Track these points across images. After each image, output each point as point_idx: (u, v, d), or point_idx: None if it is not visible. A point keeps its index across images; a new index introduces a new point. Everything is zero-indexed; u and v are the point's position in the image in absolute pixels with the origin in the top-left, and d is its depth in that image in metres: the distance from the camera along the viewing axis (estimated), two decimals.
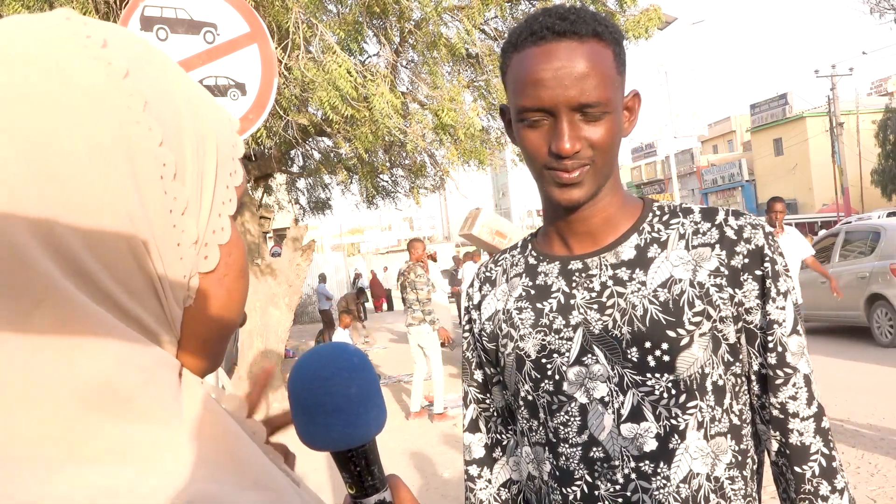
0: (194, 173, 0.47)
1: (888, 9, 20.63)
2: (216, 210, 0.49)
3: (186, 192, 0.47)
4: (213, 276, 0.49)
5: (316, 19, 5.90)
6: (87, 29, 0.46)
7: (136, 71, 0.46)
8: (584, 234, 1.07)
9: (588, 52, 0.96)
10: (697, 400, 0.99)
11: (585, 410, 1.02)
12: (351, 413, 0.59)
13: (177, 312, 0.47)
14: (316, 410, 0.59)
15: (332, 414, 0.59)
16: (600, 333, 1.02)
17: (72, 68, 0.43)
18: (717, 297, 1.00)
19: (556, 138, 0.96)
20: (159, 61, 0.49)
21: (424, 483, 5.23)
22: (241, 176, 0.53)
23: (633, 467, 0.99)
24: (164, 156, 0.45)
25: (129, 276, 0.43)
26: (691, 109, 32.33)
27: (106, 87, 0.44)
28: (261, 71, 3.07)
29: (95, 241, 0.42)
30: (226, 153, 0.51)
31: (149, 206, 0.44)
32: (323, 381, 0.59)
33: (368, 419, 0.60)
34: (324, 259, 25.91)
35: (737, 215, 1.04)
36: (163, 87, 0.47)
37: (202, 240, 0.48)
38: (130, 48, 0.48)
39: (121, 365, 0.41)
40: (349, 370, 0.60)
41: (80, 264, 0.41)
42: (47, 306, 0.39)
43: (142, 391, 0.42)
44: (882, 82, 39.40)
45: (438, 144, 7.31)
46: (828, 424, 1.01)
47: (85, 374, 0.40)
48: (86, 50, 0.44)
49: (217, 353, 0.53)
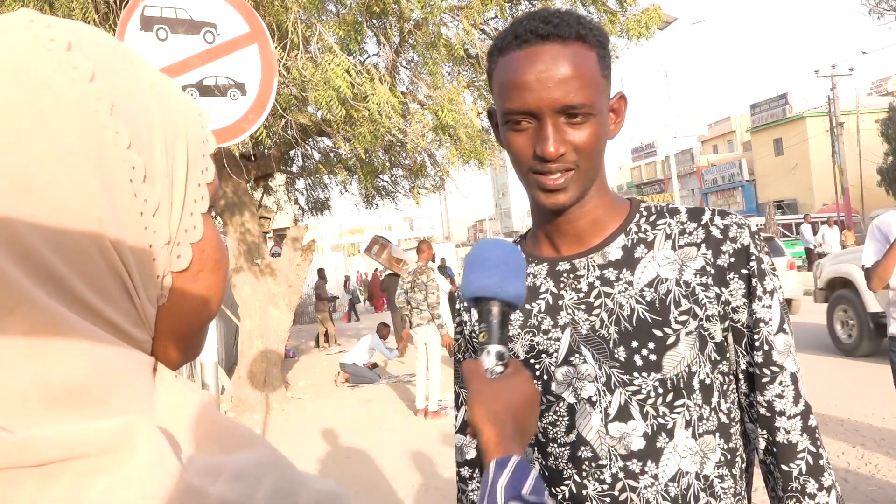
0: (164, 174, 0.47)
1: (887, 9, 20.64)
2: (188, 209, 0.49)
3: (157, 194, 0.47)
4: (187, 274, 0.50)
5: (315, 19, 5.90)
6: (51, 32, 0.45)
7: (102, 73, 0.46)
8: (572, 236, 1.08)
9: (571, 55, 0.96)
10: (685, 398, 1.00)
11: (573, 410, 1.03)
12: (507, 271, 0.85)
13: (150, 311, 0.48)
14: (486, 263, 0.85)
15: (496, 266, 0.84)
16: (588, 333, 1.03)
17: (36, 74, 0.43)
18: (703, 295, 1.00)
19: (540, 142, 0.97)
20: (127, 60, 0.49)
21: (424, 483, 5.23)
22: (213, 173, 0.53)
23: (621, 466, 0.99)
24: (133, 158, 0.45)
25: (100, 279, 0.44)
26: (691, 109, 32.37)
27: (71, 91, 0.43)
28: (261, 71, 3.07)
29: (65, 246, 0.42)
30: (197, 150, 0.51)
31: (119, 210, 0.44)
32: (495, 246, 0.88)
33: (515, 285, 0.84)
34: (324, 259, 25.90)
35: (723, 215, 1.05)
36: (130, 88, 0.47)
37: (174, 239, 0.48)
38: (97, 49, 0.47)
39: (93, 367, 0.42)
40: (512, 251, 0.87)
41: (50, 270, 0.41)
42: (19, 314, 0.40)
43: (114, 391, 0.42)
44: (882, 82, 39.40)
45: (438, 144, 7.31)
46: (815, 423, 1.02)
47: (58, 377, 0.40)
48: (49, 54, 0.44)
49: (194, 345, 0.54)
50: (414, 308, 7.52)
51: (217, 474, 0.42)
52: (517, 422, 0.79)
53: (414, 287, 7.50)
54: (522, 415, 0.81)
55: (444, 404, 7.64)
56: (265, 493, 0.43)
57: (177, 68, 2.96)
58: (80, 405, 0.40)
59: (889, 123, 29.56)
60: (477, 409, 0.79)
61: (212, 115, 2.95)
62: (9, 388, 0.39)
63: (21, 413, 0.39)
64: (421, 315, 7.49)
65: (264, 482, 0.44)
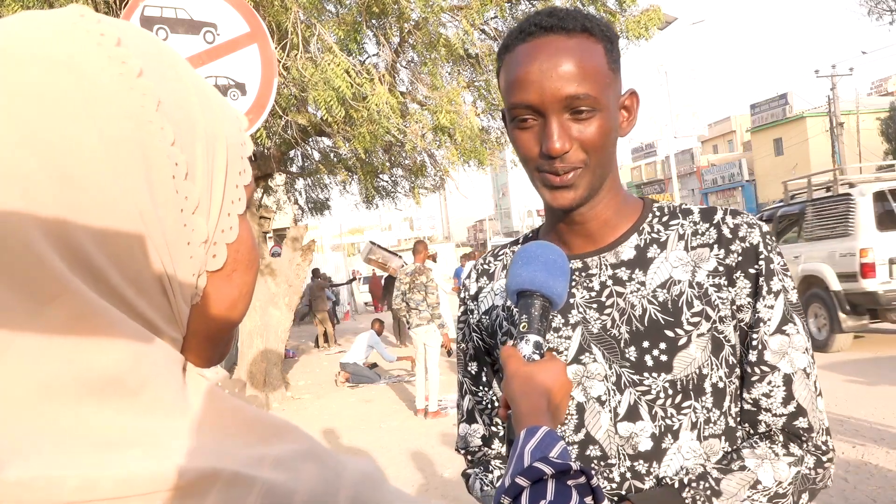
0: (205, 173, 0.48)
1: (886, 10, 20.64)
2: (226, 209, 0.50)
3: (197, 192, 0.47)
4: (221, 274, 0.50)
5: (315, 19, 5.90)
6: (101, 27, 0.46)
7: (149, 70, 0.46)
8: (584, 236, 1.07)
9: (575, 46, 0.95)
10: (692, 400, 0.99)
11: (582, 409, 1.02)
12: (553, 271, 0.90)
13: (184, 310, 0.48)
14: (536, 260, 0.91)
15: (544, 264, 0.90)
16: (598, 332, 1.02)
17: (86, 67, 0.43)
18: (716, 297, 1.00)
19: (545, 138, 0.95)
20: (171, 60, 0.50)
21: (424, 483, 5.23)
22: (250, 175, 0.53)
23: (629, 466, 0.99)
24: (176, 155, 0.45)
25: (139, 274, 0.44)
26: (691, 109, 32.33)
27: (120, 86, 0.44)
28: (261, 71, 3.07)
29: (106, 239, 0.42)
30: (235, 152, 0.51)
31: (160, 206, 0.44)
32: (546, 248, 0.93)
33: (560, 284, 0.90)
34: (324, 259, 25.89)
35: (734, 214, 1.04)
36: (175, 87, 0.48)
37: (211, 238, 0.48)
38: (143, 46, 0.48)
39: (129, 360, 0.42)
40: (560, 255, 0.93)
41: (90, 262, 0.42)
42: (59, 303, 0.40)
43: (149, 385, 0.42)
44: (882, 82, 39.40)
45: (438, 145, 7.31)
46: (804, 424, 0.99)
47: (96, 367, 0.41)
48: (100, 48, 0.44)
49: (221, 348, 0.54)
50: (413, 309, 7.51)
51: (259, 463, 0.42)
52: (550, 402, 0.83)
53: (412, 288, 7.50)
54: (555, 397, 0.84)
55: (444, 404, 7.63)
56: (308, 477, 0.44)
57: None
58: (116, 396, 0.41)
59: (889, 123, 29.56)
60: (515, 383, 0.83)
61: None
62: (48, 375, 0.39)
63: (59, 400, 0.39)
64: (420, 315, 7.48)
65: (306, 468, 0.44)
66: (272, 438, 0.46)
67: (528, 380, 0.83)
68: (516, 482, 0.71)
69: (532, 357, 0.86)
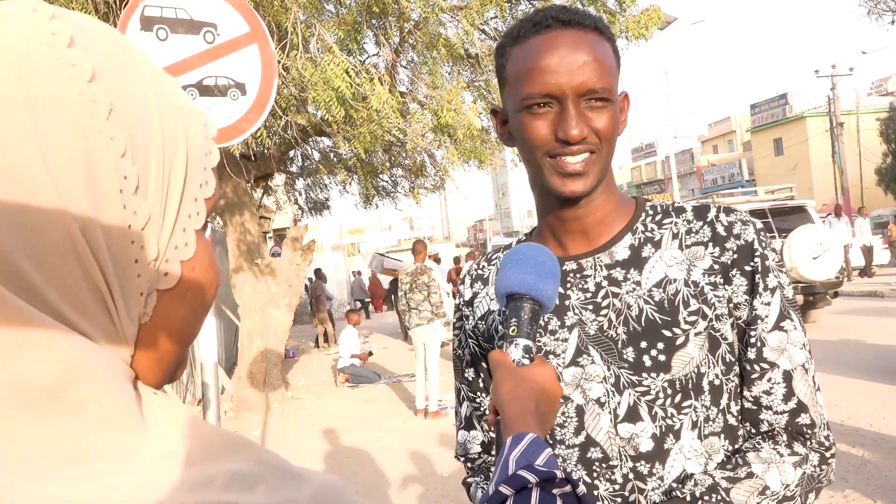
0: (158, 186, 0.45)
1: (886, 10, 20.63)
2: (181, 224, 0.47)
3: (148, 207, 0.44)
4: (174, 293, 0.47)
5: (315, 19, 5.90)
6: (54, 24, 0.42)
7: (103, 73, 0.43)
8: (578, 234, 1.07)
9: (592, 42, 0.99)
10: (692, 399, 0.99)
11: (582, 411, 1.02)
12: (543, 273, 0.88)
13: (130, 329, 0.45)
14: (525, 262, 0.89)
15: (534, 266, 0.88)
16: (595, 334, 1.02)
17: (31, 69, 0.40)
18: (713, 295, 1.00)
19: (563, 123, 0.97)
20: (132, 60, 0.46)
21: (424, 483, 5.23)
22: (213, 187, 0.50)
23: (631, 467, 0.99)
24: (126, 168, 0.43)
25: (76, 292, 0.41)
26: (691, 109, 32.25)
27: (68, 91, 0.41)
28: (261, 71, 3.07)
29: (39, 252, 0.40)
30: (197, 163, 0.48)
31: (104, 221, 0.42)
32: (535, 250, 0.91)
33: (550, 287, 0.88)
34: (324, 259, 25.89)
35: (727, 212, 1.05)
36: (132, 91, 0.45)
37: (163, 256, 0.46)
38: (101, 46, 0.44)
39: (69, 372, 0.39)
40: (550, 257, 0.91)
41: (23, 277, 0.39)
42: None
43: (94, 399, 0.40)
44: (882, 82, 39.40)
45: (438, 144, 7.30)
46: (807, 421, 0.99)
47: (29, 377, 0.38)
48: (49, 48, 0.41)
49: (174, 368, 0.51)
50: (413, 308, 7.51)
51: (209, 484, 0.40)
52: (539, 407, 0.81)
53: (413, 288, 7.49)
54: (545, 402, 0.82)
55: (444, 404, 7.63)
56: (263, 492, 0.42)
57: (177, 68, 2.96)
58: (56, 409, 0.39)
59: (889, 123, 29.54)
60: (502, 389, 0.82)
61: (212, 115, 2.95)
62: None
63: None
64: (420, 315, 7.48)
65: (261, 483, 0.42)
66: (227, 454, 0.43)
67: (517, 384, 0.82)
68: (500, 490, 0.70)
69: (521, 361, 0.85)
